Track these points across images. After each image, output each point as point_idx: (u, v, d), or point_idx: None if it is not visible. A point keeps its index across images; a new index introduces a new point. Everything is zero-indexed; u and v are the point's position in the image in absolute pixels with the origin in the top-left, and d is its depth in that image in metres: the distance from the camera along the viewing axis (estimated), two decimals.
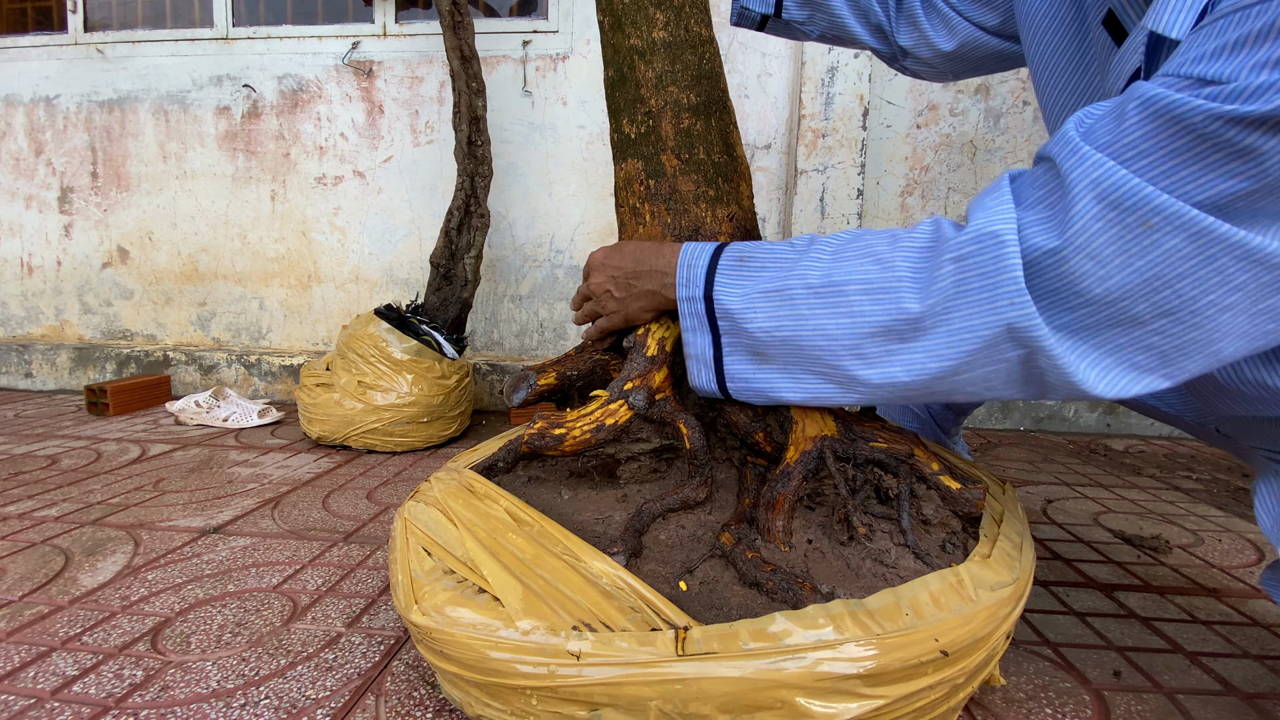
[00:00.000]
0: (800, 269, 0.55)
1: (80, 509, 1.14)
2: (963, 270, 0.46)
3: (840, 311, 0.52)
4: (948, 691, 0.49)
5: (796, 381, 0.57)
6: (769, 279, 0.56)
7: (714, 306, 0.58)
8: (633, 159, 0.75)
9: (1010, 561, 0.55)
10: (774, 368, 0.57)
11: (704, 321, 0.60)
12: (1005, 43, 0.81)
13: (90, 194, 2.24)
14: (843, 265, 0.53)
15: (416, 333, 1.61)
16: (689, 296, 0.60)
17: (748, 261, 0.58)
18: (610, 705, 0.46)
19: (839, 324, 0.52)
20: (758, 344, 0.57)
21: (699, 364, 0.62)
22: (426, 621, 0.52)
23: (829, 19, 0.91)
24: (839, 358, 0.53)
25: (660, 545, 0.59)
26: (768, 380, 0.58)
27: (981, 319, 0.45)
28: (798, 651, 0.44)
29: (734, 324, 0.58)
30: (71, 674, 0.67)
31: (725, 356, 0.60)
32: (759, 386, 0.59)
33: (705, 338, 0.60)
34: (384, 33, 2.03)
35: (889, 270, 0.50)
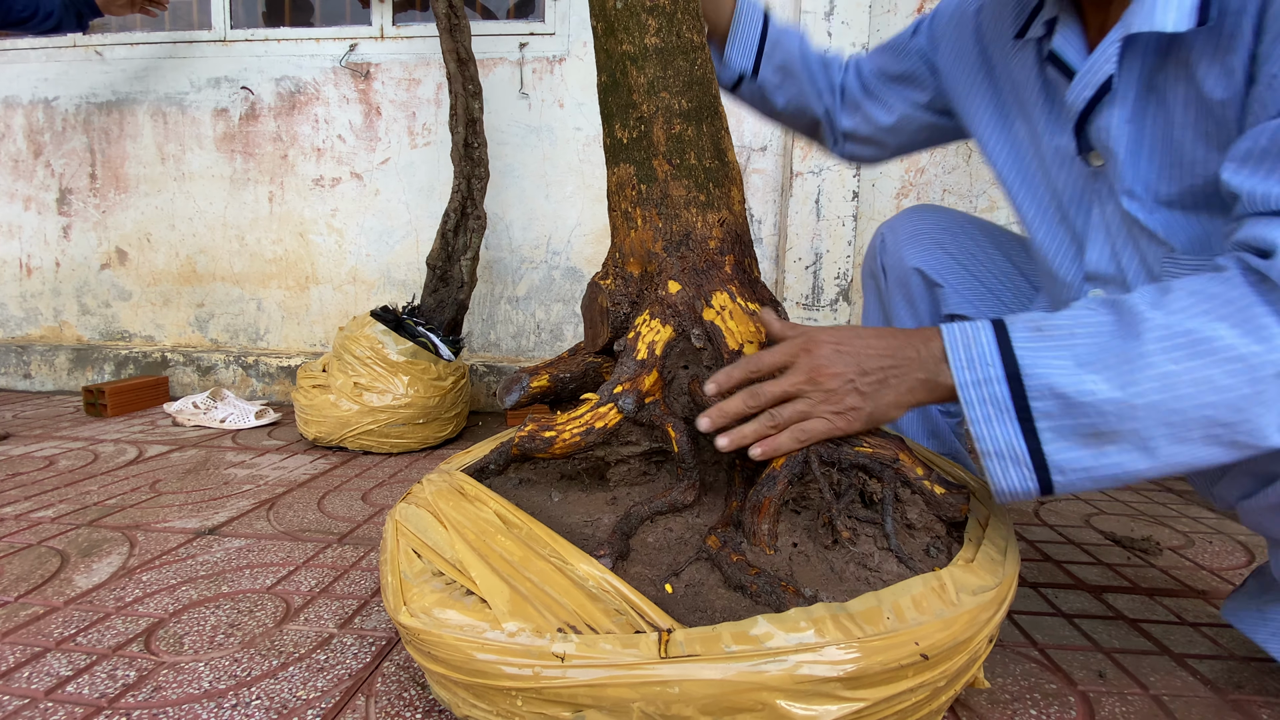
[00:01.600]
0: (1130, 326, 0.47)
1: (77, 510, 1.15)
2: None
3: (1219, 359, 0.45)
4: (929, 694, 0.49)
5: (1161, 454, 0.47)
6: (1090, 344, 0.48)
7: (1024, 385, 0.49)
8: (625, 164, 0.76)
9: (994, 565, 0.56)
10: (1126, 445, 0.47)
11: (1008, 408, 0.49)
12: (939, 117, 0.88)
13: (89, 195, 2.24)
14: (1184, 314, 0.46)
15: (413, 334, 1.62)
16: (981, 380, 0.50)
17: (1047, 331, 0.49)
18: (594, 706, 0.47)
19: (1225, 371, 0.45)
20: (1101, 420, 0.47)
21: (1005, 462, 0.50)
22: (414, 623, 0.52)
23: (797, 89, 0.95)
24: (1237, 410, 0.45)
25: (648, 548, 0.60)
26: (1119, 462, 0.48)
27: None
28: (779, 654, 0.45)
29: (1064, 402, 0.47)
30: (65, 674, 0.68)
31: (1047, 445, 0.49)
32: (1108, 473, 0.48)
33: (1011, 427, 0.49)
34: (381, 35, 2.04)
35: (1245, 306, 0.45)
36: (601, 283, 0.77)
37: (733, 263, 0.73)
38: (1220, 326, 0.45)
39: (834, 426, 0.54)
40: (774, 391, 0.55)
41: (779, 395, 0.55)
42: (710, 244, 0.73)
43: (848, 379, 0.54)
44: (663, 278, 0.72)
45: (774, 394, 0.55)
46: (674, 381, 0.70)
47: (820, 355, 0.55)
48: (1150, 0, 0.52)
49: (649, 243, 0.73)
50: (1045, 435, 0.49)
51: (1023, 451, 0.50)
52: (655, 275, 0.72)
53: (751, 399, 0.56)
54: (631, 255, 0.75)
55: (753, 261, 0.78)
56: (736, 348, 0.68)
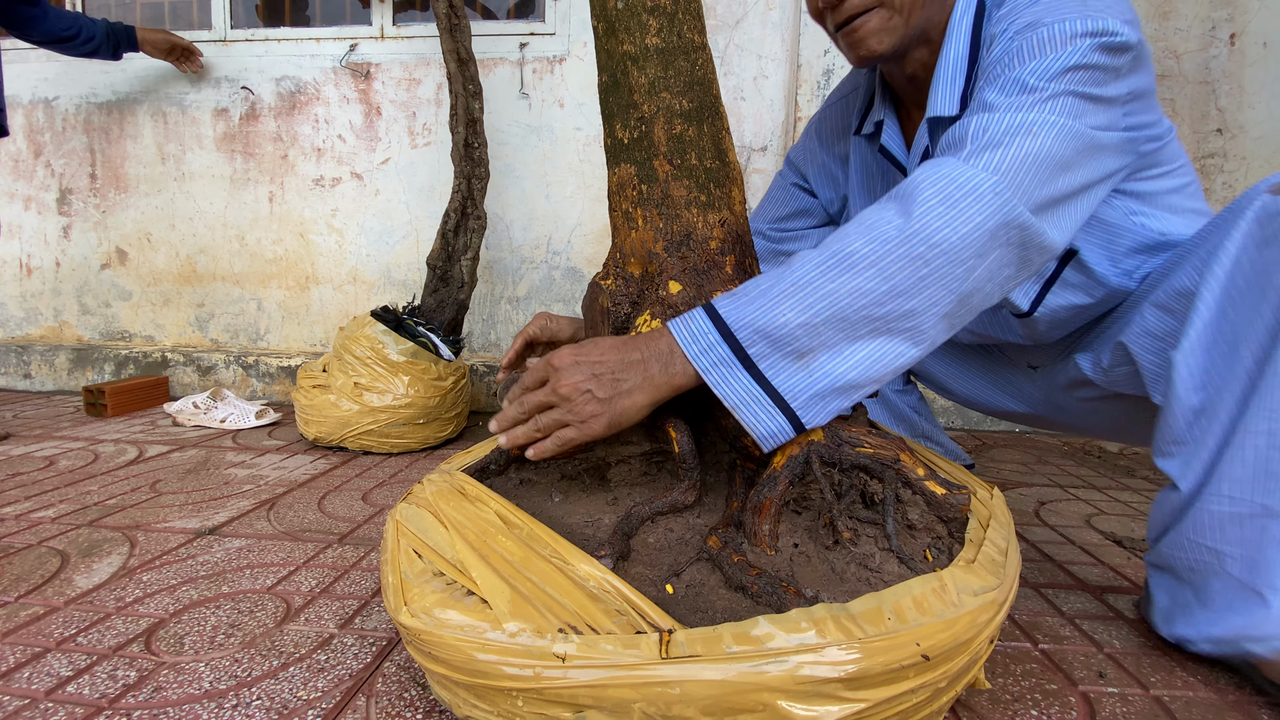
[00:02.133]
0: (797, 268, 0.58)
1: (77, 510, 1.14)
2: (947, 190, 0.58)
3: (862, 268, 0.56)
4: (930, 695, 0.49)
5: (853, 357, 0.57)
6: (773, 289, 0.57)
7: (736, 338, 0.57)
8: (625, 164, 0.75)
9: (995, 566, 0.55)
10: (823, 355, 0.57)
11: (734, 362, 0.57)
12: None
13: (89, 195, 2.24)
14: (833, 245, 0.58)
15: (413, 334, 1.62)
16: (707, 347, 0.57)
17: (739, 294, 0.59)
18: (595, 707, 0.46)
19: (865, 276, 0.56)
20: (797, 342, 0.56)
21: (752, 406, 0.57)
22: (415, 623, 0.52)
23: None
24: (884, 305, 0.56)
25: (648, 548, 0.60)
26: (825, 372, 0.57)
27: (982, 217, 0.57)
28: (780, 655, 0.45)
29: (768, 337, 0.56)
30: (66, 674, 0.68)
31: (773, 378, 0.57)
32: (822, 384, 0.57)
33: (743, 376, 0.57)
34: (381, 35, 2.04)
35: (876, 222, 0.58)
36: (602, 283, 0.77)
37: (734, 263, 0.73)
38: (856, 242, 0.57)
39: (580, 433, 0.59)
40: (533, 401, 0.61)
41: (538, 405, 0.61)
42: (711, 244, 0.72)
43: (583, 389, 0.59)
44: (664, 278, 0.71)
45: (533, 404, 0.61)
46: None
47: (559, 370, 0.60)
48: (938, 93, 0.75)
49: (650, 243, 0.73)
50: (768, 371, 0.57)
51: (758, 391, 0.57)
52: (656, 275, 0.72)
53: (519, 408, 0.62)
54: (632, 255, 0.75)
55: (754, 262, 0.77)
56: None
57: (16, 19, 1.68)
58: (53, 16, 1.74)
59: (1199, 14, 1.74)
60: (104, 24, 1.86)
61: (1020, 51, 0.65)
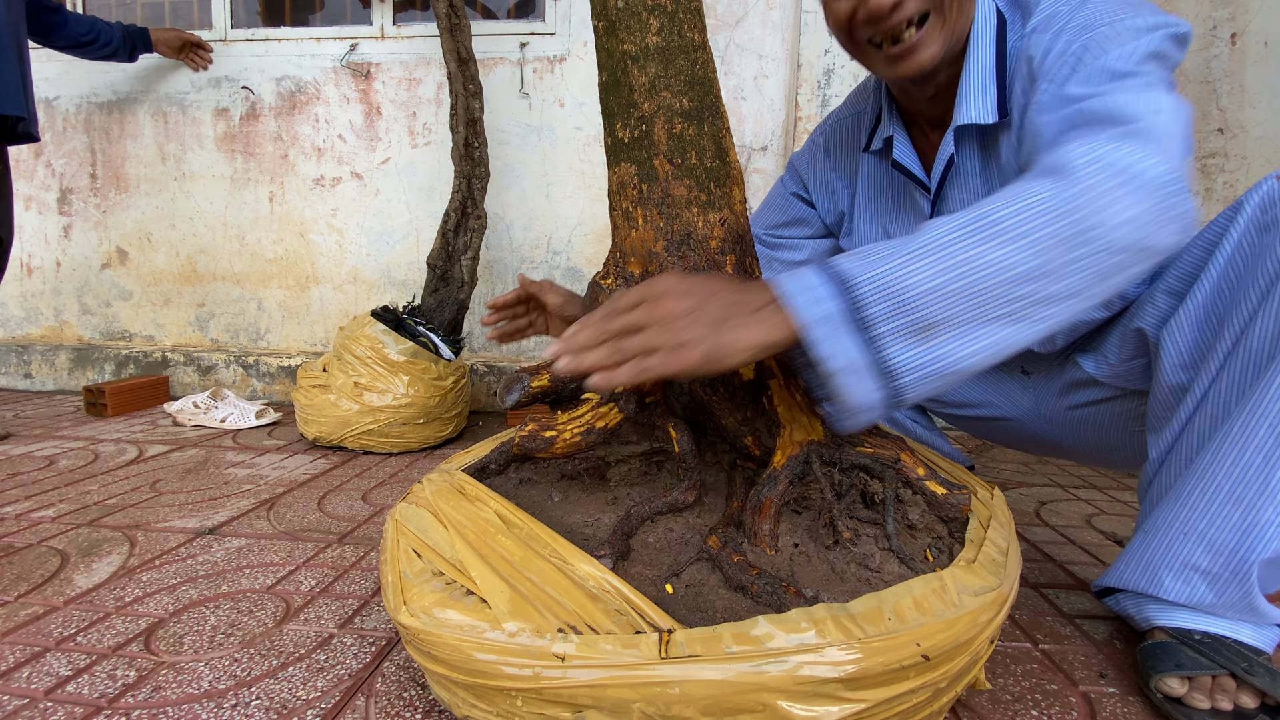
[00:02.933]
0: (931, 229, 0.51)
1: (77, 510, 1.14)
2: None
3: (1009, 238, 0.49)
4: (930, 695, 0.49)
5: (978, 340, 0.50)
6: (902, 248, 0.51)
7: (856, 295, 0.49)
8: (626, 163, 0.75)
9: (995, 566, 0.55)
10: (948, 334, 0.50)
11: (847, 320, 0.49)
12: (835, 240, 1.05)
13: (89, 195, 2.24)
14: (974, 210, 0.51)
15: (413, 334, 1.62)
16: (816, 300, 0.50)
17: (861, 252, 0.52)
18: (594, 707, 0.46)
19: (1012, 249, 0.49)
20: (924, 310, 0.49)
21: (852, 374, 0.50)
22: (414, 623, 0.52)
23: None
24: (1025, 284, 0.49)
25: (648, 548, 0.60)
26: (945, 352, 0.50)
27: None
28: (780, 655, 0.45)
29: (893, 297, 0.49)
30: (65, 674, 0.68)
31: (887, 349, 0.49)
32: (937, 365, 0.50)
33: (851, 338, 0.50)
34: (382, 35, 2.04)
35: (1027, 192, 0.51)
36: (602, 282, 0.77)
37: (734, 262, 0.73)
38: (1004, 209, 0.51)
39: (668, 362, 0.51)
40: (621, 323, 0.53)
41: (626, 326, 0.53)
42: (711, 244, 0.72)
43: (688, 310, 0.52)
44: None
45: (620, 325, 0.53)
46: (675, 382, 0.70)
47: (665, 289, 0.54)
48: (969, 101, 0.73)
49: (650, 242, 0.73)
50: (884, 338, 0.50)
51: (867, 361, 0.50)
52: (656, 275, 0.72)
53: (599, 332, 0.53)
54: (632, 255, 0.75)
55: (754, 261, 0.77)
56: None
57: (42, 26, 1.74)
58: (72, 22, 1.80)
59: (1200, 13, 1.73)
60: (119, 27, 1.89)
61: (1089, 48, 0.63)
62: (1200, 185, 1.79)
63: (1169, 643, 0.66)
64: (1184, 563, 0.65)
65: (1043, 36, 0.69)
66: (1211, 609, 0.65)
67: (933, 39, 0.70)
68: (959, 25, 0.71)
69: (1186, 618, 0.67)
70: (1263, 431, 0.59)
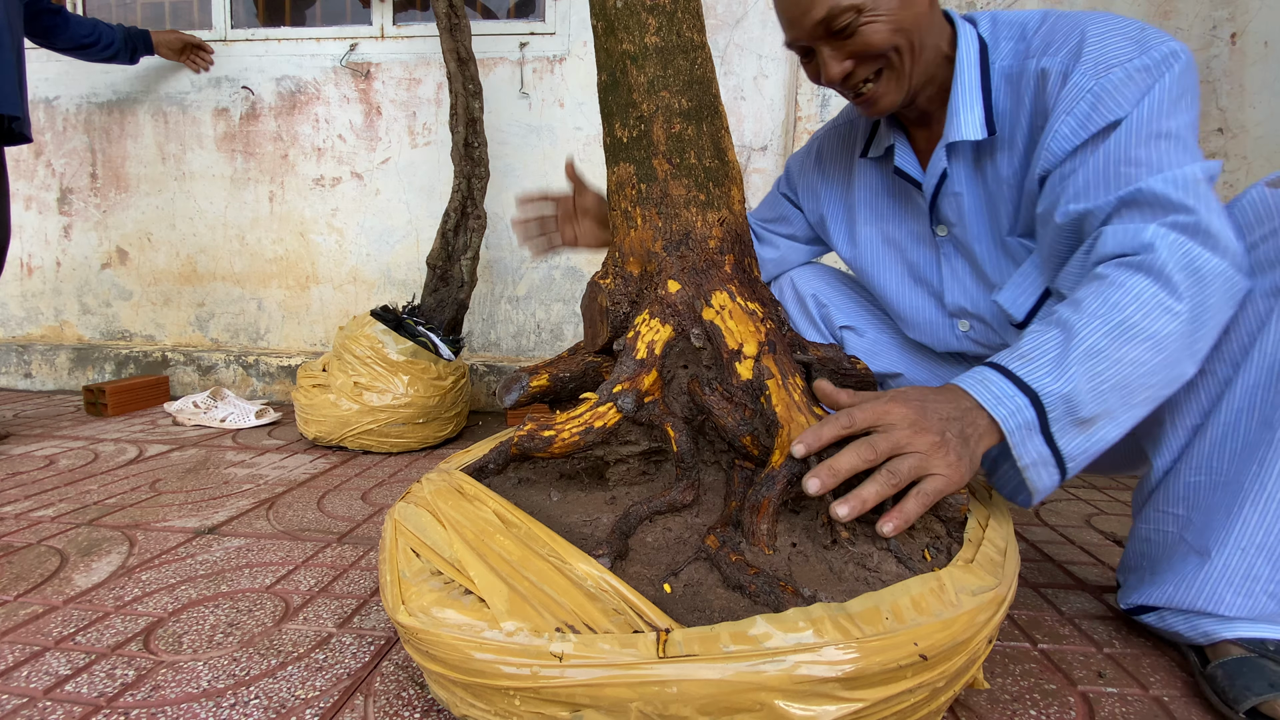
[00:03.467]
0: (1084, 332, 0.61)
1: (76, 509, 1.15)
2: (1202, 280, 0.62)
3: (1140, 340, 0.60)
4: (928, 695, 0.49)
5: (1124, 424, 0.62)
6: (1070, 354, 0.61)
7: (1045, 404, 0.60)
8: (624, 163, 0.75)
9: (994, 566, 0.55)
10: (1103, 423, 0.61)
11: (1035, 425, 0.60)
12: (811, 245, 1.11)
13: (89, 195, 2.25)
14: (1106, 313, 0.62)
15: (413, 334, 1.62)
16: (1015, 410, 0.60)
17: (1030, 357, 0.62)
18: (592, 706, 0.46)
19: (1144, 349, 0.60)
20: (1087, 409, 0.60)
21: (1041, 466, 0.61)
22: (413, 622, 0.52)
23: None
24: (1157, 374, 0.61)
25: (646, 547, 0.60)
26: (1100, 436, 0.62)
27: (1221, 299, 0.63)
28: (777, 654, 0.45)
29: (1067, 402, 0.60)
30: (64, 673, 0.68)
31: (1062, 444, 0.61)
32: (1095, 447, 0.62)
33: (1038, 439, 0.61)
34: (381, 35, 2.04)
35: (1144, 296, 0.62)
36: (601, 282, 0.77)
37: (732, 262, 0.73)
38: (1134, 314, 0.61)
39: (949, 480, 0.57)
40: (887, 445, 0.56)
41: (891, 449, 0.56)
42: (710, 243, 0.72)
43: (942, 432, 0.58)
44: (662, 277, 0.71)
45: (887, 447, 0.56)
46: (673, 381, 0.70)
47: (912, 411, 0.58)
48: (958, 119, 0.79)
49: (649, 242, 0.73)
50: (1059, 437, 0.61)
51: (1048, 453, 0.61)
52: (655, 275, 0.72)
53: (867, 451, 0.56)
54: (631, 254, 0.75)
55: (753, 261, 0.77)
56: (736, 347, 0.68)
57: (42, 28, 1.74)
58: (74, 24, 1.80)
59: (1200, 13, 1.73)
60: (121, 30, 1.90)
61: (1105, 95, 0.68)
62: None
63: (1250, 658, 0.65)
64: (1246, 575, 0.66)
65: (1052, 60, 0.73)
66: (1274, 618, 0.66)
67: (888, 89, 0.80)
68: (917, 69, 0.79)
69: (1248, 627, 0.66)
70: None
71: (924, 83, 0.81)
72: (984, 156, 0.83)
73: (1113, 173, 0.68)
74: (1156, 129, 0.67)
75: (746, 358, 0.67)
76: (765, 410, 0.65)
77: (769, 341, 0.69)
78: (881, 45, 0.76)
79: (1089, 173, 0.70)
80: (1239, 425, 0.67)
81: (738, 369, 0.67)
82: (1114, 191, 0.68)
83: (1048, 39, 0.75)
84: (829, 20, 0.75)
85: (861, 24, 0.75)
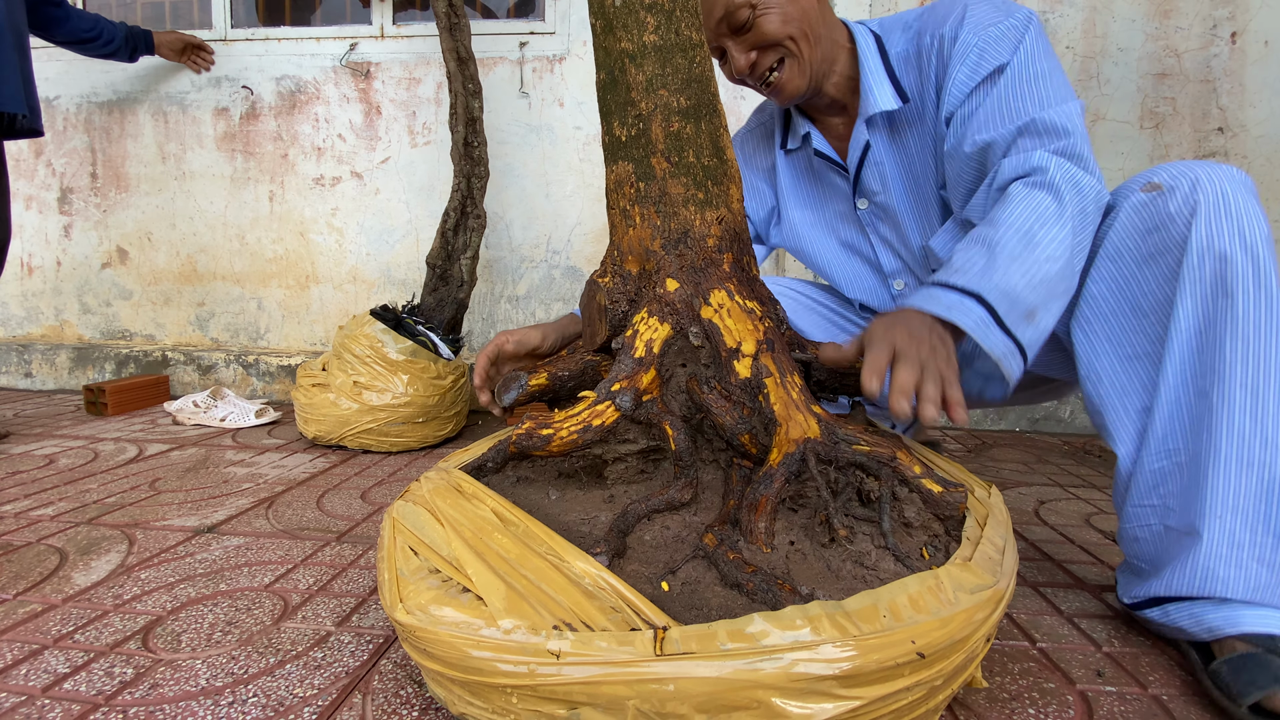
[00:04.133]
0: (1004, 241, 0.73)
1: (76, 508, 1.15)
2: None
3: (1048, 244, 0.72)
4: (926, 693, 0.49)
5: (1054, 312, 0.72)
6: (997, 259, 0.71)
7: (989, 303, 0.69)
8: (623, 161, 0.75)
9: (992, 565, 0.55)
10: (1041, 313, 0.71)
11: (991, 324, 0.69)
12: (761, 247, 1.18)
13: (90, 195, 2.25)
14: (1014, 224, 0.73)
15: (412, 333, 1.62)
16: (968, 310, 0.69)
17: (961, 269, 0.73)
18: (589, 704, 0.46)
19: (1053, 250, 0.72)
20: (1026, 304, 0.70)
21: (1010, 359, 0.70)
22: (410, 620, 0.52)
23: None
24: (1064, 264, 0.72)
25: (645, 546, 0.60)
26: (1043, 327, 0.71)
27: None
28: (774, 652, 0.45)
29: (1007, 298, 0.69)
30: (63, 671, 0.68)
31: (1014, 330, 0.70)
32: (1041, 335, 0.71)
33: (999, 332, 0.69)
34: (381, 34, 2.04)
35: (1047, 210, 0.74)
36: (600, 280, 0.77)
37: (731, 260, 0.73)
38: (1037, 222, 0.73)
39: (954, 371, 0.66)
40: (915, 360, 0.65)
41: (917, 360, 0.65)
42: (708, 242, 0.72)
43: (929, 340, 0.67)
44: (661, 276, 0.71)
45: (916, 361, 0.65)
46: (672, 379, 0.70)
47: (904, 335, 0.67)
48: (871, 96, 0.91)
49: (647, 240, 0.73)
50: (1015, 329, 0.69)
51: (1011, 344, 0.70)
52: (653, 273, 0.72)
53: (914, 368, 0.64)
54: (630, 253, 0.75)
55: (751, 259, 0.77)
56: (734, 345, 0.68)
57: (43, 20, 1.73)
58: (75, 18, 1.79)
59: (1200, 12, 1.73)
60: (123, 27, 1.89)
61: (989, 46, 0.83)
62: None
63: (1255, 654, 0.63)
64: (1231, 544, 0.67)
65: (942, 27, 0.87)
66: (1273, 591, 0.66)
67: (792, 75, 0.90)
68: (816, 58, 0.90)
69: (1256, 620, 0.65)
70: (1241, 396, 0.67)
71: (826, 71, 0.93)
72: (899, 127, 0.95)
73: (1008, 108, 0.82)
74: (1034, 71, 0.82)
75: (745, 356, 0.67)
76: (763, 408, 0.65)
77: (767, 340, 0.69)
78: (776, 34, 0.88)
79: (987, 109, 0.83)
80: (1181, 403, 0.71)
81: (736, 367, 0.67)
82: (1012, 123, 0.81)
83: (934, 18, 0.89)
84: (728, 17, 0.88)
85: (757, 17, 0.87)
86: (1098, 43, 1.77)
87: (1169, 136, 1.78)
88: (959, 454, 1.63)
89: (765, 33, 0.88)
